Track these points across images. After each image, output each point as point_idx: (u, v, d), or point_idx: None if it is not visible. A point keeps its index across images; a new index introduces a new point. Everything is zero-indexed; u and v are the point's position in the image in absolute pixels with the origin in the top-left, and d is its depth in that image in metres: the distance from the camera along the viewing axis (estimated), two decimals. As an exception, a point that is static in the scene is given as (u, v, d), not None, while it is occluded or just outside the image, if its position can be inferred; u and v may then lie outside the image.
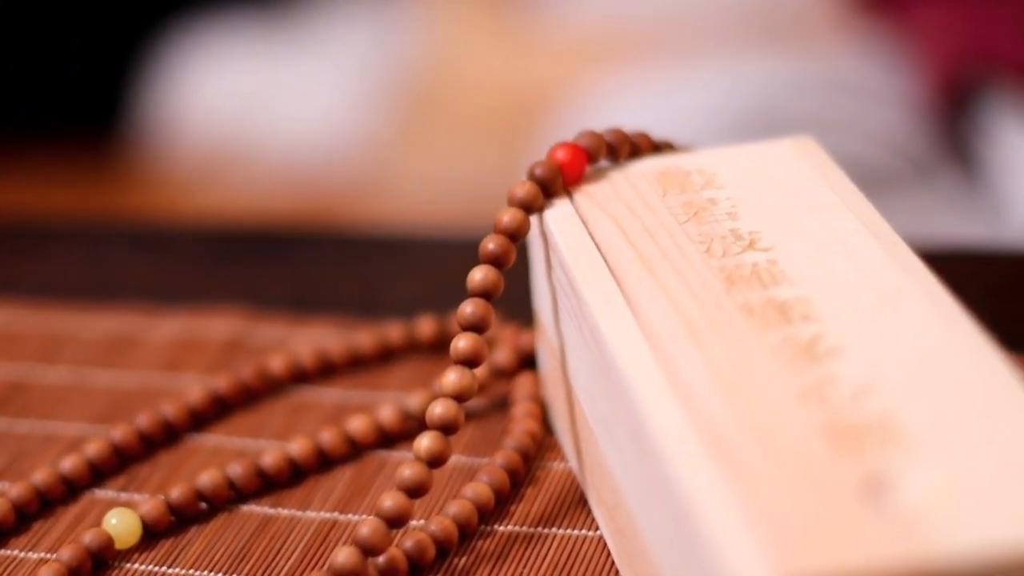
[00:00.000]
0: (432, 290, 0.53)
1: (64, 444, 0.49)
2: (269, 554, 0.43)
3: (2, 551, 0.44)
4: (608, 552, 0.42)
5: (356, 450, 0.47)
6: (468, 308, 0.41)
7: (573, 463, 0.45)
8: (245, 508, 0.45)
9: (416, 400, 0.47)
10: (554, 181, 0.43)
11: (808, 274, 0.39)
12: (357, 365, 0.51)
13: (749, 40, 1.20)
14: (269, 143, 1.39)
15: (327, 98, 1.38)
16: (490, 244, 0.42)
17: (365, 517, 0.42)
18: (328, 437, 0.46)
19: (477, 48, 1.35)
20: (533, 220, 0.43)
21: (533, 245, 0.45)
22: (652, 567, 0.37)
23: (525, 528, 0.43)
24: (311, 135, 1.37)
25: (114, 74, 1.54)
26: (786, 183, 0.43)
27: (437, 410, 0.40)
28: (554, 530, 0.43)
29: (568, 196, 0.43)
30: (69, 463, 0.46)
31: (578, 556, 0.42)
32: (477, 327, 0.41)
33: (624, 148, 0.44)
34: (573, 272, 0.40)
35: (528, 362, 0.49)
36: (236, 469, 0.45)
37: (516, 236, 0.42)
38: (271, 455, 0.46)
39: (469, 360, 0.41)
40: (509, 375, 0.48)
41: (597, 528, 0.43)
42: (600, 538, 0.42)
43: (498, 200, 0.42)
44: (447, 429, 0.40)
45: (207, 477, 0.45)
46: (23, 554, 0.44)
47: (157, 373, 0.52)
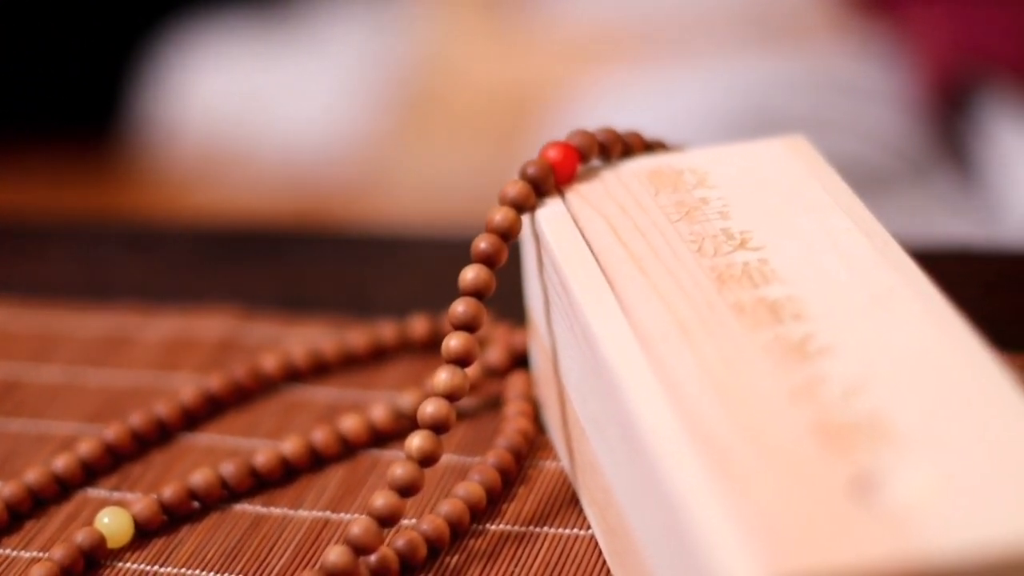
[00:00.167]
0: (425, 289, 0.53)
1: (57, 443, 0.49)
2: (261, 553, 0.43)
3: (-6, 550, 0.44)
4: (599, 551, 0.42)
5: (348, 449, 0.47)
6: (460, 307, 0.41)
7: (565, 462, 0.45)
8: (237, 507, 0.45)
9: (408, 399, 0.47)
10: (546, 180, 0.43)
11: (799, 273, 0.39)
12: (350, 364, 0.51)
13: (745, 40, 1.20)
14: (267, 142, 1.39)
15: (324, 97, 1.39)
16: (482, 243, 0.42)
17: (357, 516, 0.42)
18: (320, 436, 0.46)
19: (474, 48, 1.35)
20: (525, 219, 0.43)
21: (525, 244, 0.45)
22: (643, 566, 0.37)
23: (517, 527, 0.43)
24: (309, 134, 1.37)
25: (112, 74, 1.54)
26: (778, 182, 0.43)
27: (428, 409, 0.40)
28: (546, 529, 0.43)
29: (560, 195, 0.43)
30: (62, 462, 0.46)
31: (570, 555, 0.42)
32: (469, 326, 0.41)
33: (616, 147, 0.44)
34: (564, 271, 0.40)
35: (520, 361, 0.49)
36: (228, 468, 0.45)
37: (508, 235, 0.42)
38: (263, 454, 0.46)
39: (461, 359, 0.41)
40: (501, 374, 0.48)
41: (589, 527, 0.43)
42: (591, 537, 0.42)
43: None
44: (438, 428, 0.40)
45: (199, 476, 0.45)
46: (15, 553, 0.44)
47: (150, 372, 0.52)
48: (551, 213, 0.43)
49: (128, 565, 0.43)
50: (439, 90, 1.34)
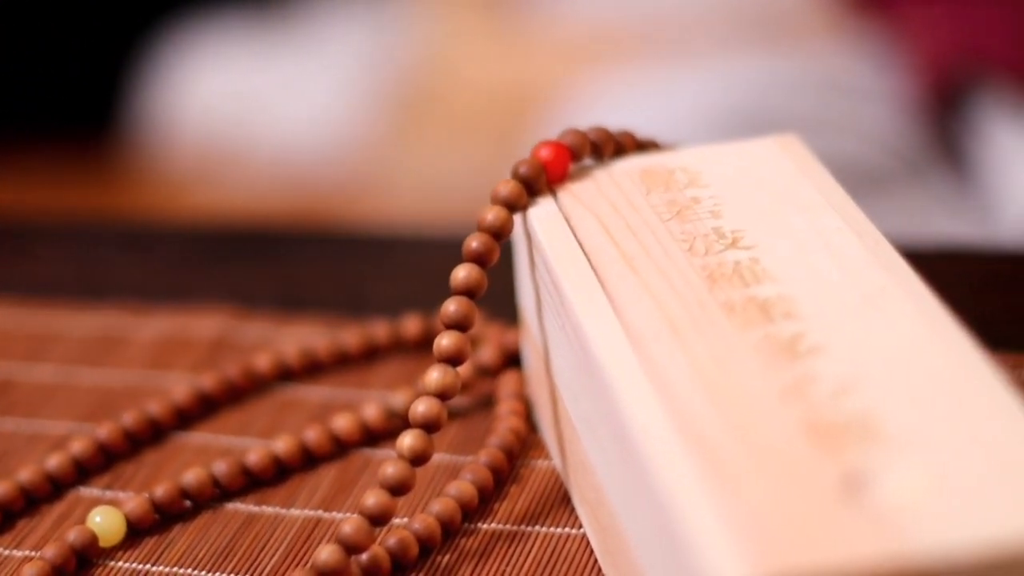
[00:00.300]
0: (418, 289, 0.53)
1: (50, 442, 0.49)
2: (253, 552, 0.43)
3: (-14, 549, 0.44)
4: (591, 550, 0.42)
5: (341, 448, 0.47)
6: (451, 306, 0.41)
7: (557, 461, 0.45)
8: (230, 506, 0.45)
9: (400, 398, 0.47)
10: (538, 179, 0.43)
11: (790, 272, 0.39)
12: (343, 363, 0.51)
13: (741, 40, 1.20)
14: (265, 142, 1.39)
15: (322, 97, 1.39)
16: (473, 242, 0.42)
17: (349, 515, 0.42)
18: (313, 435, 0.46)
19: (472, 48, 1.35)
20: (517, 218, 0.43)
21: (517, 243, 0.45)
22: (634, 565, 0.37)
23: (508, 526, 0.43)
24: (307, 134, 1.37)
25: (110, 73, 1.54)
26: (769, 181, 0.43)
27: (420, 408, 0.40)
28: (538, 528, 0.43)
29: (552, 194, 0.43)
30: (54, 461, 0.46)
31: (561, 554, 0.42)
32: (460, 325, 0.41)
33: (608, 146, 0.44)
34: (556, 270, 0.40)
35: (513, 360, 0.49)
36: (221, 467, 0.45)
37: (500, 234, 0.42)
38: (256, 453, 0.46)
39: (452, 358, 0.41)
40: (494, 373, 0.48)
41: (580, 526, 0.43)
42: (583, 536, 0.42)
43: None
44: (430, 427, 0.40)
45: (192, 475, 0.45)
46: (7, 552, 0.44)
47: (143, 371, 0.52)
48: (543, 212, 0.43)
49: (120, 564, 0.43)
50: (437, 90, 1.34)
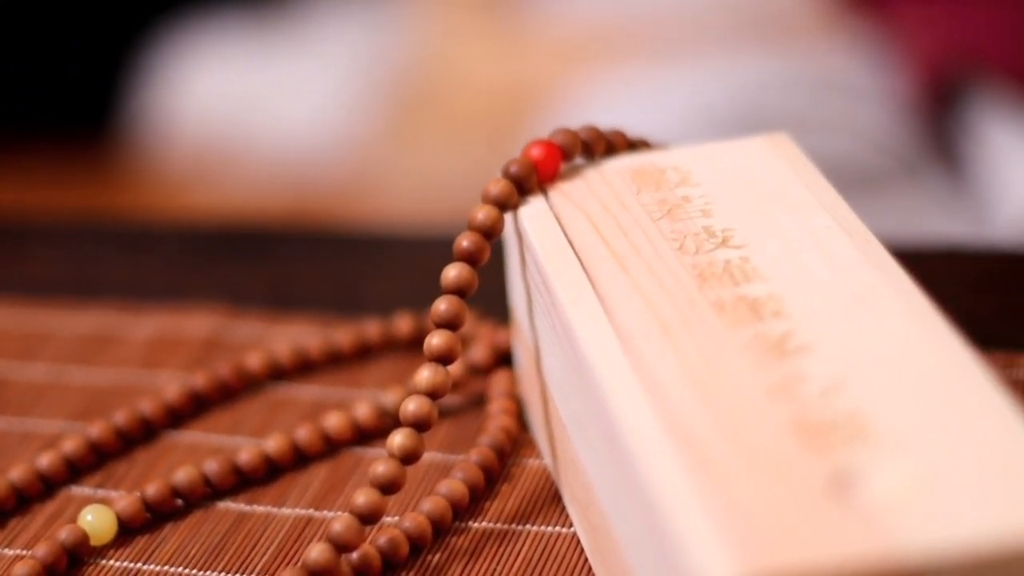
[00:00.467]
0: (410, 288, 0.53)
1: (42, 441, 0.49)
2: (244, 550, 0.43)
3: (-22, 548, 0.44)
4: (581, 549, 0.42)
5: (332, 447, 0.47)
6: (442, 305, 0.41)
7: (548, 460, 0.45)
8: (221, 505, 0.45)
9: (392, 397, 0.47)
10: (528, 179, 0.43)
11: (780, 271, 0.39)
12: (335, 362, 0.51)
13: (736, 39, 1.20)
14: (262, 142, 1.39)
15: (319, 97, 1.39)
16: (464, 242, 0.42)
17: (340, 514, 0.42)
18: (304, 434, 0.46)
19: (469, 48, 1.35)
20: (508, 218, 0.43)
21: (508, 243, 0.45)
22: (624, 564, 0.37)
23: (499, 525, 0.43)
24: (303, 134, 1.37)
25: (108, 73, 1.54)
26: (760, 180, 0.43)
27: (410, 407, 0.40)
28: (528, 527, 0.43)
29: (543, 193, 0.43)
30: (46, 460, 0.46)
31: (552, 553, 0.42)
32: (451, 324, 0.41)
33: (599, 145, 0.44)
34: (546, 270, 0.40)
35: (504, 359, 0.49)
36: (212, 466, 0.45)
37: (490, 234, 0.42)
38: (247, 452, 0.46)
39: (443, 357, 0.41)
40: (485, 372, 0.48)
41: (571, 525, 0.43)
42: (574, 535, 0.42)
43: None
44: (420, 426, 0.40)
45: (183, 474, 0.45)
46: (-1, 551, 0.44)
47: (135, 370, 0.52)
48: (534, 211, 0.43)
49: (111, 563, 0.43)
50: (435, 90, 1.34)
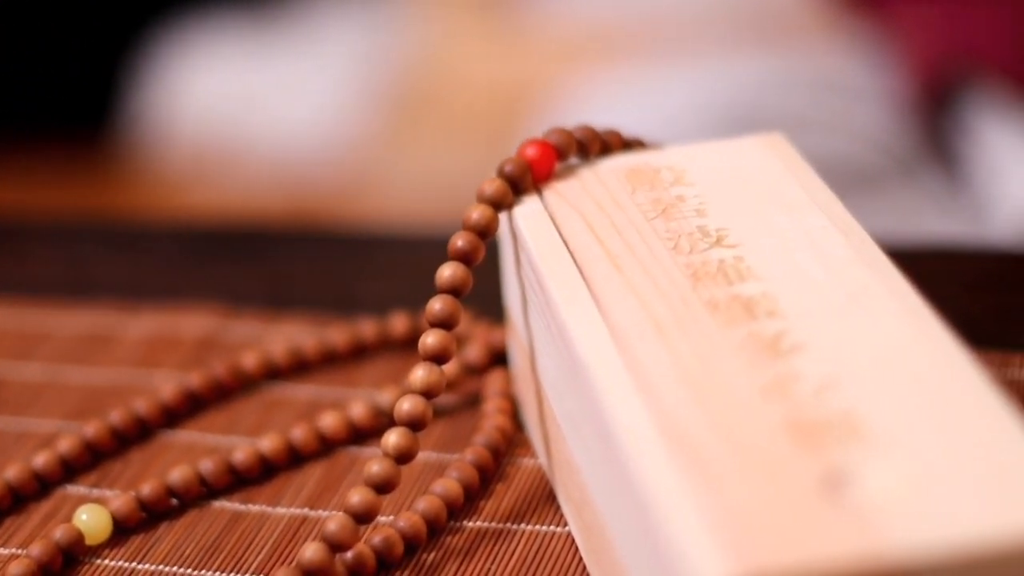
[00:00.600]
0: (406, 287, 0.53)
1: (38, 440, 0.49)
2: (239, 550, 0.43)
3: (-27, 547, 0.44)
4: (576, 548, 0.42)
5: (327, 446, 0.47)
6: (436, 305, 0.41)
7: (543, 459, 0.45)
8: (216, 504, 0.45)
9: (387, 397, 0.47)
10: (523, 178, 0.43)
11: (774, 270, 0.39)
12: (330, 362, 0.51)
13: (735, 39, 1.20)
14: (261, 142, 1.39)
15: (318, 97, 1.39)
16: (459, 241, 0.42)
17: (335, 513, 0.42)
18: (299, 433, 0.46)
19: (467, 48, 1.35)
20: (502, 217, 0.43)
21: (503, 242, 0.45)
22: (617, 563, 0.37)
23: (494, 524, 0.43)
24: (302, 134, 1.37)
25: (106, 74, 1.54)
26: (755, 180, 0.43)
27: (405, 406, 0.40)
28: (523, 526, 0.43)
29: (538, 193, 0.43)
30: (42, 459, 0.46)
31: (546, 552, 0.42)
32: (445, 323, 0.41)
33: (594, 145, 0.45)
34: (541, 269, 0.40)
35: (499, 359, 0.49)
36: (207, 465, 0.45)
37: (485, 233, 0.42)
38: (242, 451, 0.46)
39: (437, 356, 0.41)
40: (480, 371, 0.48)
41: (566, 524, 0.43)
42: (568, 534, 0.42)
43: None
44: (415, 425, 0.40)
45: (178, 473, 0.45)
46: (-7, 550, 0.44)
47: (131, 370, 0.52)
48: (528, 211, 0.43)
49: (106, 562, 0.43)
50: (433, 90, 1.34)
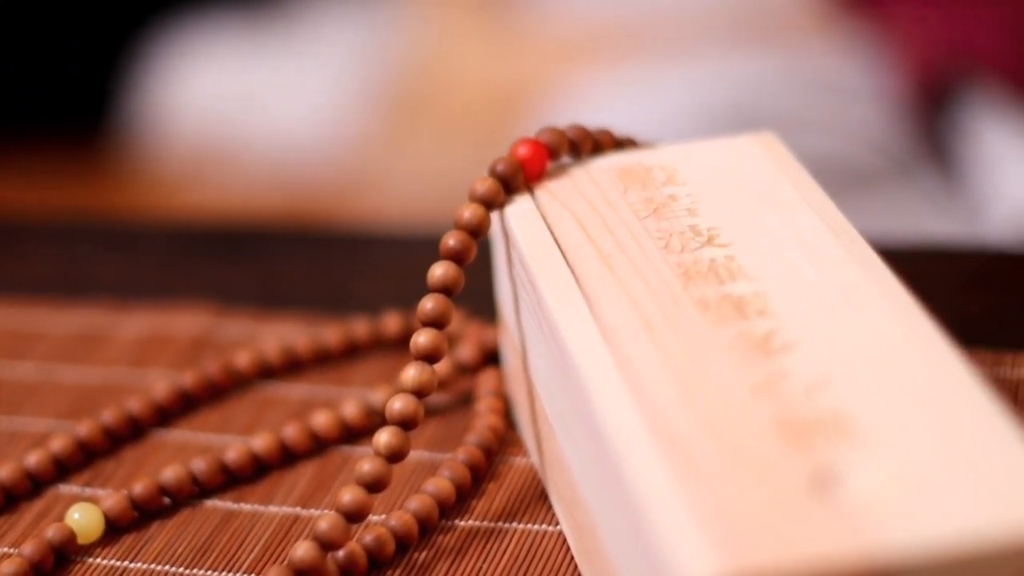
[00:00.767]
0: (398, 287, 0.53)
1: (30, 439, 0.49)
2: (231, 549, 0.43)
3: (-35, 546, 0.44)
4: (568, 547, 0.42)
5: (319, 445, 0.47)
6: (428, 304, 0.41)
7: (534, 458, 0.45)
8: (208, 503, 0.45)
9: (380, 396, 0.47)
10: (515, 177, 0.43)
11: (765, 270, 0.39)
12: (323, 361, 0.51)
13: (730, 39, 1.20)
14: (258, 142, 1.39)
15: (315, 97, 1.38)
16: (450, 240, 0.42)
17: (327, 512, 0.42)
18: (292, 432, 0.46)
19: (464, 47, 1.35)
20: (494, 216, 0.43)
21: (495, 241, 0.45)
22: (608, 562, 0.37)
23: (486, 523, 0.43)
24: (299, 134, 1.37)
25: (104, 73, 1.54)
26: (747, 179, 0.43)
27: (396, 405, 0.40)
28: (514, 525, 0.43)
29: (529, 192, 0.43)
30: (34, 458, 0.46)
31: (538, 551, 0.42)
32: (437, 323, 0.41)
33: (586, 144, 0.45)
34: (532, 268, 0.40)
35: (492, 358, 0.49)
36: (199, 464, 0.45)
37: (477, 232, 0.42)
38: (234, 450, 0.46)
39: (429, 355, 0.41)
40: (473, 371, 0.48)
41: (557, 523, 0.43)
42: (560, 533, 0.42)
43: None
44: (406, 424, 0.40)
45: (170, 472, 0.45)
46: (-14, 549, 0.44)
47: (124, 369, 0.52)
48: (520, 210, 0.43)
49: (98, 561, 0.43)
50: (430, 89, 1.34)
